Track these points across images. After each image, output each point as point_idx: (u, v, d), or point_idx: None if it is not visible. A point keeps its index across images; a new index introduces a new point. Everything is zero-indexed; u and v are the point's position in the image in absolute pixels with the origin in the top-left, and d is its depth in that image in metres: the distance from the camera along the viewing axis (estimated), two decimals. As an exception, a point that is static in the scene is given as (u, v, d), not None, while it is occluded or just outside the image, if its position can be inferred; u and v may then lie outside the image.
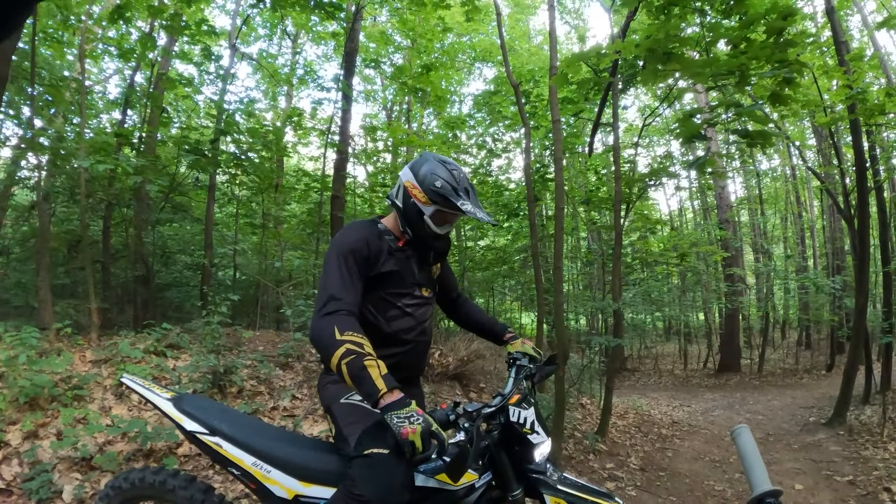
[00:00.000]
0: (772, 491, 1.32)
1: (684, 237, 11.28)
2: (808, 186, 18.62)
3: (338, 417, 2.15)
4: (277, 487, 2.07)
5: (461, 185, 2.28)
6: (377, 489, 1.87)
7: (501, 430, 2.05)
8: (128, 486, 2.27)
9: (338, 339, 1.89)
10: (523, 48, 16.11)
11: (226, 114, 8.75)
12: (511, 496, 2.04)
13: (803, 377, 14.03)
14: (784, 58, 4.28)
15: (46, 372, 4.40)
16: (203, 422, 2.19)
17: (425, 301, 2.44)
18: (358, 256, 2.17)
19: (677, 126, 4.67)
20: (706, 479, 5.83)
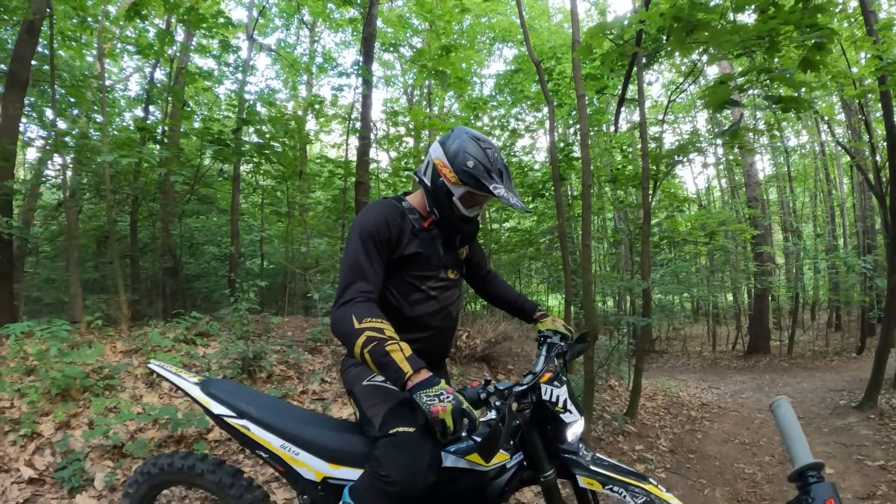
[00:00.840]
0: (814, 464, 1.28)
1: (713, 215, 11.08)
2: (837, 163, 18.23)
3: (360, 400, 2.13)
4: (306, 469, 2.06)
5: (495, 165, 2.13)
6: (403, 469, 1.83)
7: (533, 408, 1.99)
8: (157, 472, 2.27)
9: (357, 328, 1.86)
10: (543, 27, 15.94)
11: (247, 104, 8.78)
12: (543, 477, 1.99)
13: (833, 359, 13.80)
14: (814, 22, 4.16)
15: (78, 363, 4.45)
16: (230, 405, 2.17)
17: (451, 283, 2.34)
18: (378, 239, 2.09)
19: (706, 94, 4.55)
20: (736, 461, 5.76)
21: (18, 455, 3.60)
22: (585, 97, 6.06)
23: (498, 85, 13.22)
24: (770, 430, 7.08)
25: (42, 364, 4.30)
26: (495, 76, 14.92)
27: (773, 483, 5.07)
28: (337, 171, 10.33)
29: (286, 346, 5.71)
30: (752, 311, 16.31)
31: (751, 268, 15.52)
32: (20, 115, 6.82)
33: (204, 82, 10.15)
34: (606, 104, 11.91)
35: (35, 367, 4.49)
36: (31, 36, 6.61)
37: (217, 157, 8.30)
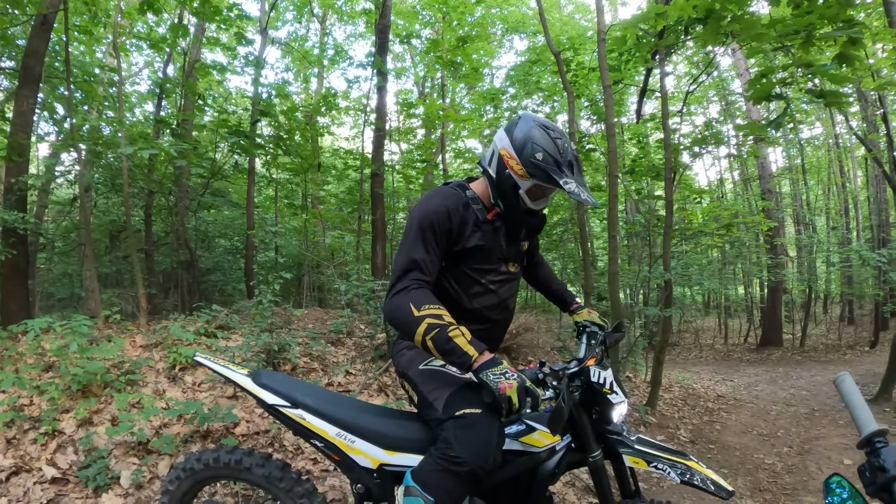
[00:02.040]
0: (880, 430, 1.36)
1: (727, 207, 11.02)
2: (851, 155, 18.09)
3: (418, 384, 2.10)
4: (362, 457, 2.07)
5: (565, 157, 2.01)
6: (474, 449, 1.82)
7: (582, 391, 2.02)
8: (201, 467, 2.24)
9: (417, 316, 1.88)
10: (555, 18, 15.82)
11: (261, 98, 8.76)
12: (591, 457, 2.01)
13: (846, 353, 13.76)
14: (849, 17, 4.11)
15: (98, 359, 4.42)
16: (284, 395, 2.18)
17: (511, 277, 2.28)
18: (439, 230, 2.04)
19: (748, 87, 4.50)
20: (755, 452, 5.79)
21: (40, 454, 3.55)
22: (611, 88, 6.00)
23: (509, 76, 13.13)
24: (787, 422, 7.10)
25: (62, 360, 4.26)
26: (508, 67, 14.87)
27: (792, 473, 5.09)
28: (353, 162, 10.31)
29: (309, 338, 5.70)
30: (766, 304, 16.24)
31: (764, 261, 15.44)
32: (33, 109, 6.81)
33: (216, 76, 10.12)
34: (620, 95, 11.84)
35: (54, 363, 4.47)
36: (45, 30, 6.58)
37: (234, 149, 8.29)
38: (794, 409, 7.80)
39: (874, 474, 1.29)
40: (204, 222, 10.75)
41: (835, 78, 4.26)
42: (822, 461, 5.36)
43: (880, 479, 1.26)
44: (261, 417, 4.27)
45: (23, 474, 3.37)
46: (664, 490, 4.27)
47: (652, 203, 9.90)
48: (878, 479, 1.27)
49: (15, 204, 6.41)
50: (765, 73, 4.49)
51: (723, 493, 1.90)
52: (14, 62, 8.29)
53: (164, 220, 9.90)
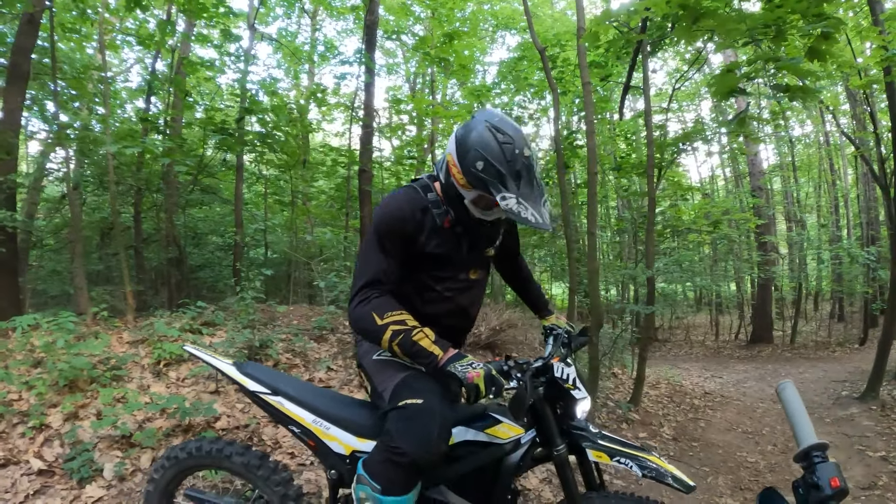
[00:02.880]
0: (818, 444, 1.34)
1: (717, 204, 11.08)
2: (842, 154, 18.13)
3: (371, 374, 2.16)
4: (336, 444, 2.16)
5: (513, 167, 1.81)
6: (414, 440, 1.85)
7: (546, 386, 2.07)
8: (185, 456, 2.34)
9: (381, 324, 1.92)
10: (546, 14, 15.81)
11: (249, 94, 8.76)
12: (556, 451, 2.06)
13: (836, 350, 13.82)
14: (821, 11, 4.13)
15: (85, 355, 4.46)
16: (265, 383, 2.29)
17: (471, 284, 2.22)
18: (395, 237, 2.00)
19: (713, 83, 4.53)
20: (739, 449, 5.80)
21: (27, 447, 3.61)
22: (591, 85, 6.03)
23: (500, 72, 13.14)
24: (772, 420, 7.11)
25: (49, 356, 4.32)
26: (498, 63, 14.86)
27: (775, 472, 5.10)
28: (340, 159, 10.33)
29: (292, 335, 5.72)
30: (756, 301, 16.31)
31: (754, 257, 15.51)
32: (21, 107, 6.81)
33: (206, 72, 10.11)
34: (610, 92, 11.87)
35: (42, 359, 4.51)
36: (32, 28, 6.58)
37: (220, 146, 8.31)
38: (781, 407, 7.82)
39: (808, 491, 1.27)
40: (193, 219, 10.76)
41: (801, 72, 4.28)
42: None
43: (813, 498, 1.25)
44: (241, 412, 4.31)
45: (11, 466, 3.43)
46: (641, 487, 4.31)
47: (639, 200, 9.94)
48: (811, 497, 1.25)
49: (4, 202, 6.42)
50: (731, 67, 4.52)
51: (683, 488, 1.94)
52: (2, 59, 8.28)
53: (154, 218, 9.90)
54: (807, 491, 1.27)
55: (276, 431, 4.14)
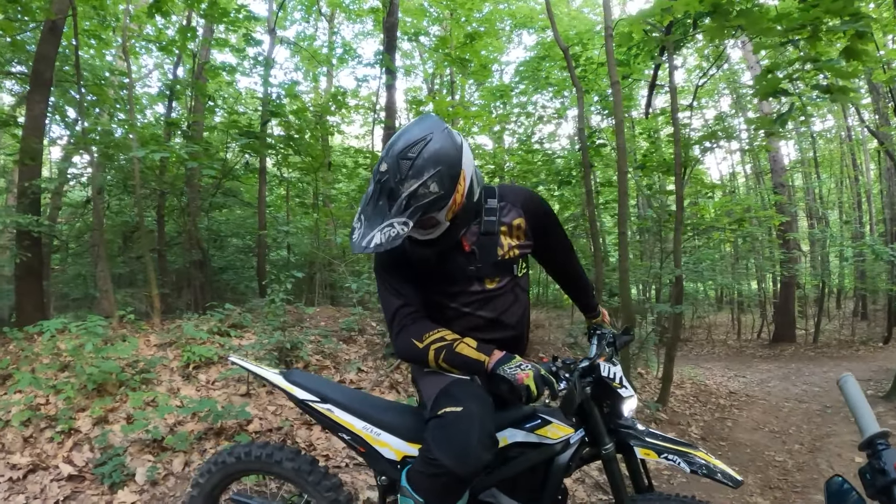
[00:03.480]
0: (882, 432, 1.34)
1: (739, 202, 10.96)
2: (864, 148, 17.89)
3: (420, 386, 2.15)
4: (387, 449, 2.14)
5: (372, 183, 1.78)
6: (452, 450, 1.77)
7: (593, 385, 2.06)
8: (233, 461, 2.31)
9: (422, 348, 1.90)
10: (563, 12, 15.73)
11: (270, 99, 8.80)
12: (604, 450, 2.03)
13: (859, 349, 13.67)
14: (856, 10, 4.06)
15: (113, 358, 4.50)
16: (313, 391, 2.27)
17: (492, 294, 2.06)
18: (391, 267, 1.99)
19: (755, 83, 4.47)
20: (766, 449, 5.75)
21: (56, 452, 3.62)
22: (619, 84, 5.99)
23: (519, 72, 13.10)
24: (798, 419, 7.05)
25: (77, 360, 4.32)
26: (517, 63, 14.83)
27: (803, 471, 5.05)
28: (364, 161, 10.34)
29: (321, 337, 5.74)
30: (778, 300, 16.12)
31: (776, 255, 15.34)
32: (45, 114, 6.88)
33: (226, 77, 10.19)
34: (631, 90, 11.80)
35: (69, 363, 4.53)
36: (54, 35, 6.65)
37: (245, 149, 8.35)
38: (806, 406, 7.74)
39: (874, 476, 1.29)
40: (216, 222, 10.85)
41: (842, 73, 4.21)
42: (833, 459, 5.32)
43: (880, 482, 1.26)
44: (273, 415, 4.31)
45: (39, 472, 3.43)
46: (674, 486, 4.27)
47: (663, 198, 9.87)
48: (878, 481, 1.27)
49: (28, 207, 6.48)
50: (771, 68, 4.45)
51: (731, 483, 1.96)
52: (25, 67, 8.39)
53: (177, 221, 9.98)
54: (873, 476, 1.29)
55: (310, 433, 4.14)
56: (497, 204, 2.06)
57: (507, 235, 2.06)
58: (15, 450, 3.59)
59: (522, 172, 10.77)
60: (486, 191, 2.07)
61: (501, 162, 12.09)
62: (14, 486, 3.30)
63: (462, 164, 1.80)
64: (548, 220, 2.17)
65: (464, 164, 1.81)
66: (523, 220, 2.09)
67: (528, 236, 2.11)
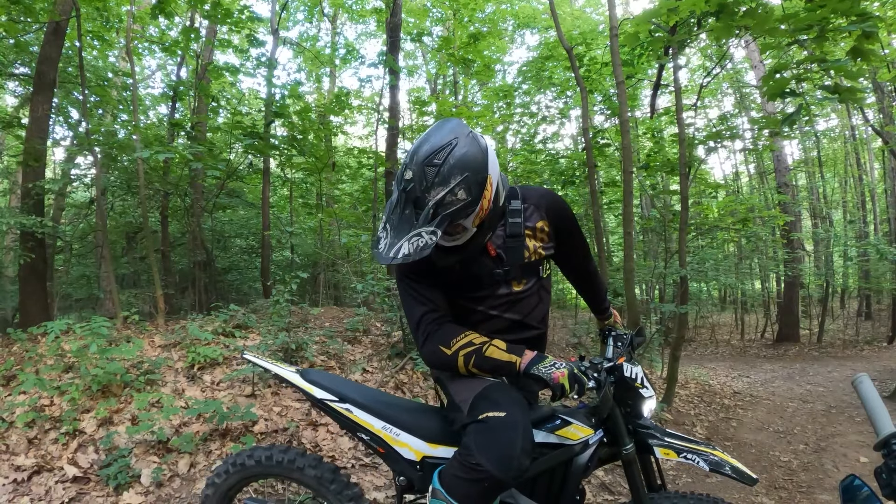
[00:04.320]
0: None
1: (742, 201, 10.93)
2: (868, 148, 17.86)
3: (448, 387, 2.08)
4: (406, 450, 2.13)
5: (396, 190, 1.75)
6: (496, 456, 1.76)
7: (615, 386, 2.04)
8: (252, 464, 2.28)
9: (450, 354, 1.89)
10: (566, 12, 15.72)
11: (274, 100, 8.80)
12: (624, 450, 2.03)
13: (864, 349, 13.64)
14: (863, 11, 4.03)
15: (117, 359, 4.50)
16: (332, 390, 2.24)
17: (519, 296, 2.06)
18: (417, 274, 1.96)
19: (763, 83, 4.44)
20: (771, 449, 5.74)
21: (61, 453, 3.61)
22: (624, 84, 5.98)
23: (523, 72, 13.08)
24: (803, 419, 7.03)
25: (82, 361, 4.32)
26: (520, 63, 14.82)
27: (808, 471, 5.04)
28: (367, 161, 10.35)
29: (326, 337, 5.73)
30: (782, 300, 16.09)
31: (780, 255, 15.30)
32: (49, 115, 6.89)
33: (229, 77, 10.20)
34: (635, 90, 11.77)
35: (74, 364, 4.53)
36: (58, 37, 6.67)
37: (249, 149, 8.36)
38: (811, 406, 7.73)
39: (891, 476, 1.29)
40: (220, 222, 10.86)
41: (848, 73, 4.18)
42: (839, 459, 5.31)
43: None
44: (279, 416, 4.30)
45: (44, 473, 3.43)
46: (679, 486, 4.27)
47: (667, 198, 9.85)
48: (894, 481, 1.27)
49: (32, 208, 6.50)
50: (778, 69, 4.43)
51: (747, 481, 1.98)
52: (28, 69, 8.40)
53: (180, 221, 10.00)
54: (889, 475, 1.29)
55: (316, 434, 4.13)
56: (521, 206, 2.04)
57: (532, 238, 2.06)
58: (20, 451, 3.59)
59: (526, 172, 10.76)
60: (509, 192, 2.05)
61: (505, 162, 12.09)
62: (19, 487, 3.29)
63: (488, 169, 1.76)
64: (570, 222, 2.16)
65: (490, 170, 1.77)
66: (546, 223, 2.08)
67: (550, 238, 2.11)
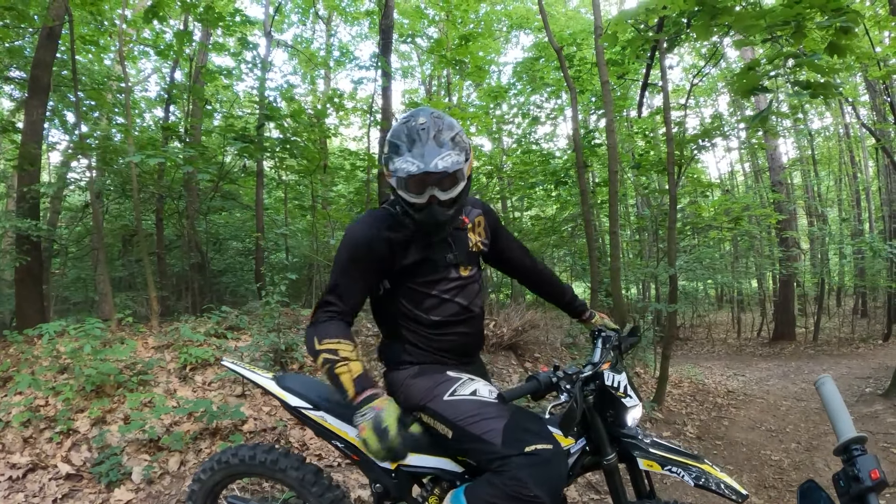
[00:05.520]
0: (857, 437, 1.35)
1: (737, 200, 10.96)
2: (862, 145, 17.83)
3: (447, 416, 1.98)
4: None
5: (410, 134, 1.89)
6: (551, 487, 1.80)
7: (596, 394, 2.04)
8: (236, 462, 2.29)
9: (317, 349, 1.94)
10: (559, 13, 15.77)
11: (266, 102, 8.83)
12: (605, 461, 2.02)
13: (859, 346, 13.59)
14: (839, 6, 4.07)
15: (111, 360, 4.56)
16: (306, 397, 2.23)
17: (467, 281, 2.18)
18: (362, 260, 2.03)
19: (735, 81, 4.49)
20: (763, 448, 5.74)
21: (55, 452, 3.68)
22: (610, 84, 6.02)
23: (516, 72, 13.12)
24: (796, 418, 7.04)
25: (76, 362, 4.38)
26: (514, 64, 14.88)
27: (799, 470, 5.04)
28: (360, 163, 10.38)
29: (316, 338, 5.74)
30: (777, 298, 16.10)
31: (776, 253, 15.33)
32: (43, 119, 6.94)
33: (223, 80, 10.24)
34: (627, 89, 11.81)
35: (68, 365, 4.59)
36: (51, 41, 6.71)
37: (241, 153, 8.39)
38: (805, 405, 7.74)
39: (849, 483, 1.29)
40: (215, 225, 10.89)
41: (820, 69, 4.22)
42: (830, 458, 5.28)
43: (854, 490, 1.26)
44: (268, 415, 4.36)
45: (39, 471, 3.50)
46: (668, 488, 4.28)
47: (660, 197, 9.89)
48: (852, 488, 1.27)
49: (28, 211, 6.55)
50: (752, 65, 4.47)
51: (736, 497, 1.91)
52: (23, 72, 8.44)
53: (175, 224, 10.03)
54: (847, 483, 1.28)
55: (303, 433, 4.17)
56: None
57: (472, 231, 2.24)
58: (15, 450, 3.66)
59: (519, 173, 10.79)
60: None
61: (499, 163, 12.12)
62: (14, 484, 3.37)
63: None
64: (499, 221, 2.38)
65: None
66: (483, 218, 2.29)
67: (487, 234, 2.30)
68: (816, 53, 4.39)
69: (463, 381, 2.04)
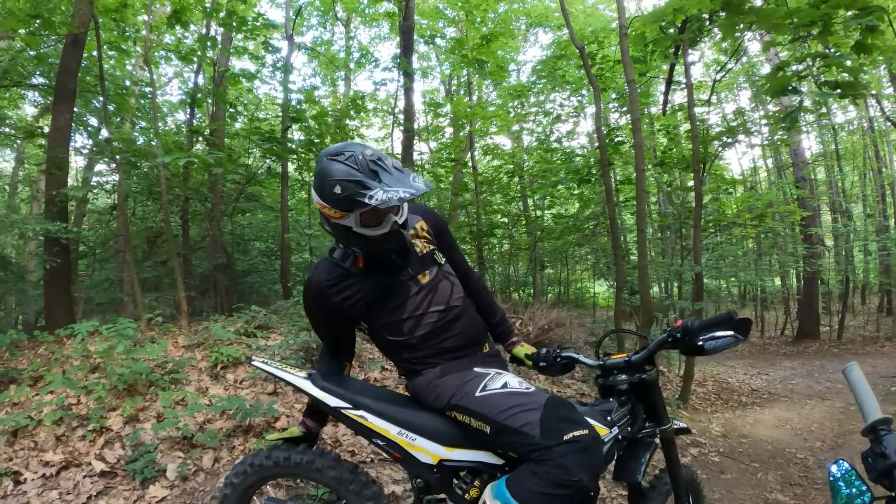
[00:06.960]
0: (884, 418, 1.42)
1: (760, 197, 10.84)
2: (887, 140, 17.58)
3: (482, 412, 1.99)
4: (423, 454, 2.11)
5: (364, 169, 1.92)
6: (593, 472, 1.86)
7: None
8: (270, 464, 2.26)
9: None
10: (578, 10, 15.67)
11: (290, 106, 8.90)
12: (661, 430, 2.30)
13: (884, 345, 13.37)
14: (865, 4, 4.02)
15: (143, 359, 4.61)
16: (345, 396, 2.20)
17: (432, 285, 2.21)
18: (322, 310, 2.21)
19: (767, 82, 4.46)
20: (788, 446, 5.69)
21: (88, 450, 3.72)
22: (635, 83, 6.00)
23: (536, 71, 13.07)
24: (821, 416, 6.98)
25: (108, 361, 4.44)
26: (533, 62, 14.83)
27: (824, 468, 4.99)
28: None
29: (345, 335, 5.79)
30: (801, 296, 15.88)
31: (800, 251, 15.12)
32: (70, 124, 7.04)
33: (245, 83, 10.34)
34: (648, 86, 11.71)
35: (99, 364, 4.66)
36: (77, 48, 6.81)
37: (266, 154, 8.48)
38: (829, 404, 7.65)
39: (876, 460, 1.36)
40: (239, 226, 11.00)
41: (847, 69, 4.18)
42: (855, 456, 5.20)
43: (881, 466, 1.34)
44: (300, 412, 4.38)
45: (72, 468, 3.53)
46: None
47: (683, 195, 9.81)
48: (879, 465, 1.34)
49: (56, 215, 6.64)
50: (781, 66, 4.43)
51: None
52: (46, 79, 8.59)
53: (201, 225, 10.14)
54: (875, 460, 1.38)
55: (336, 430, 4.19)
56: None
57: (416, 238, 2.27)
58: (48, 448, 3.70)
59: (542, 171, 10.76)
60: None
61: (521, 161, 12.11)
62: (48, 482, 3.40)
63: None
64: (444, 226, 2.43)
65: None
66: (424, 223, 2.33)
67: (432, 237, 2.34)
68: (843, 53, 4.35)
69: (491, 375, 2.06)
